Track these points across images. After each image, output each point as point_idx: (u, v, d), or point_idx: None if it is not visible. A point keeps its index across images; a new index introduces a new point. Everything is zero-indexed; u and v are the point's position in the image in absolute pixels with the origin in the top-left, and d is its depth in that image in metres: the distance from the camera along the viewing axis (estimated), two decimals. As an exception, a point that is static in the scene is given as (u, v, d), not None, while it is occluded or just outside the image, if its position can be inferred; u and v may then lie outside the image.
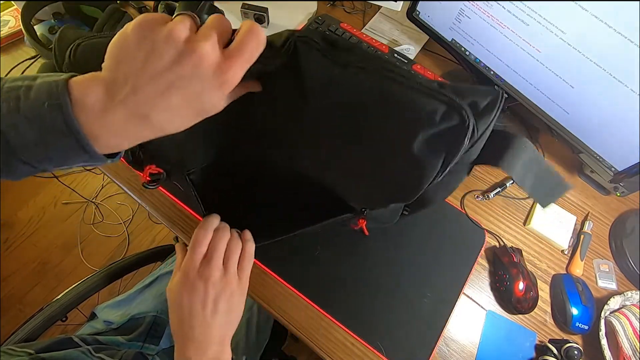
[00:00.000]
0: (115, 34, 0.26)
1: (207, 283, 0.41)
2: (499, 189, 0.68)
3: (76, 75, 0.26)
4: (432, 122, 0.28)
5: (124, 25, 0.68)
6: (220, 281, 0.41)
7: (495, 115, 0.28)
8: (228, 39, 0.28)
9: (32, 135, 0.24)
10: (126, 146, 0.28)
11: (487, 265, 0.62)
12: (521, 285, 0.57)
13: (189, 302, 0.40)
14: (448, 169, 0.30)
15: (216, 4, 0.65)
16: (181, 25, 0.26)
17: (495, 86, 0.69)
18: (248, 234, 0.48)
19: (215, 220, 0.46)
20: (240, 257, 0.45)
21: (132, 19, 0.70)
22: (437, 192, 0.39)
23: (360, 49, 0.30)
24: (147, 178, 0.44)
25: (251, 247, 0.48)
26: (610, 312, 0.58)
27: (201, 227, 0.44)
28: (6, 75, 0.67)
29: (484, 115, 0.28)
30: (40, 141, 0.25)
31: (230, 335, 0.43)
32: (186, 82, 0.25)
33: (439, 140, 0.29)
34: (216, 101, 0.28)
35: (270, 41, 0.30)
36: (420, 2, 0.72)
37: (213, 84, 0.26)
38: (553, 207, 0.68)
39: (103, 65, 0.26)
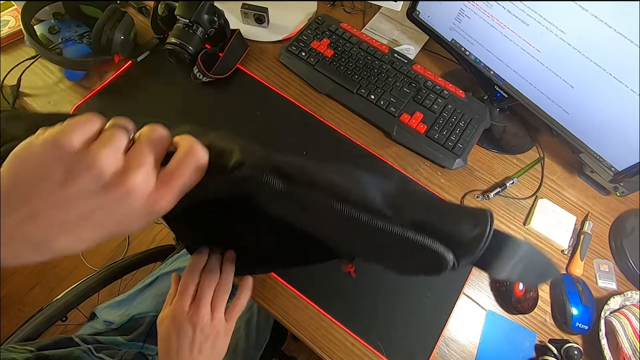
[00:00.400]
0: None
1: (195, 328, 0.42)
2: (499, 189, 0.68)
3: None
4: (410, 258, 0.27)
5: (124, 26, 0.67)
6: (208, 326, 0.43)
7: (483, 247, 0.25)
8: (164, 154, 0.24)
9: None
10: (20, 263, 0.22)
11: (487, 265, 0.62)
12: (521, 285, 0.57)
13: (177, 343, 0.42)
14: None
15: (216, 4, 0.66)
16: (109, 152, 0.21)
17: (497, 90, 0.69)
18: (248, 282, 0.49)
19: (201, 261, 0.46)
20: (232, 303, 0.47)
21: (132, 19, 0.70)
22: None
23: (324, 179, 0.26)
24: None
25: (246, 295, 0.49)
26: (610, 312, 0.58)
27: (189, 272, 0.45)
28: (6, 75, 0.67)
29: (470, 250, 0.25)
30: None
31: None
32: (105, 214, 0.21)
33: (418, 269, 0.29)
34: (138, 226, 0.23)
35: (216, 162, 0.25)
36: (420, 2, 0.72)
37: (139, 214, 0.22)
38: (553, 207, 0.68)
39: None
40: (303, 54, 0.73)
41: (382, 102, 0.69)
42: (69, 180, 0.20)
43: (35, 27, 0.68)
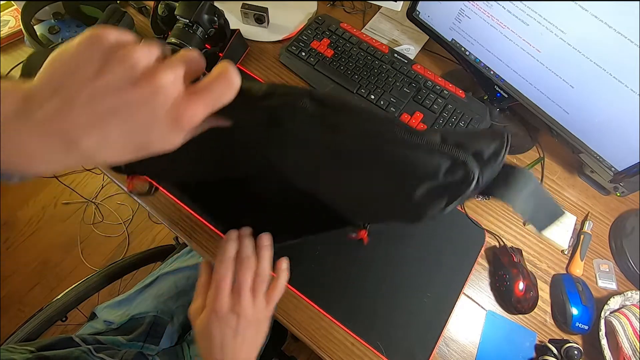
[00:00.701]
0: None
1: (238, 318, 0.42)
2: (499, 189, 0.68)
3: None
4: (435, 177, 0.27)
5: (124, 26, 0.67)
6: (251, 314, 0.43)
7: (501, 160, 0.27)
8: (196, 75, 0.24)
9: None
10: (43, 171, 0.22)
11: (487, 265, 0.62)
12: (521, 285, 0.57)
13: (220, 335, 0.42)
14: (450, 208, 0.30)
15: (216, 4, 0.66)
16: (144, 50, 0.21)
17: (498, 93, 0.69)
18: (284, 264, 0.49)
19: (233, 249, 0.45)
20: (271, 287, 0.46)
21: (132, 19, 0.70)
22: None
23: (352, 106, 0.28)
24: (131, 187, 0.43)
25: (284, 278, 0.48)
26: (610, 312, 0.58)
27: (222, 262, 0.44)
28: (6, 75, 0.67)
29: (490, 164, 0.27)
30: None
31: (254, 355, 0.45)
32: (133, 111, 0.21)
33: (442, 191, 0.28)
34: (166, 140, 0.23)
35: (247, 89, 0.26)
36: (420, 2, 0.72)
37: (166, 120, 0.22)
38: (553, 207, 0.68)
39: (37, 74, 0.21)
40: (303, 54, 0.73)
41: (382, 102, 0.69)
42: (101, 71, 0.20)
43: (35, 27, 0.68)
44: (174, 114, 0.22)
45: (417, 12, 0.74)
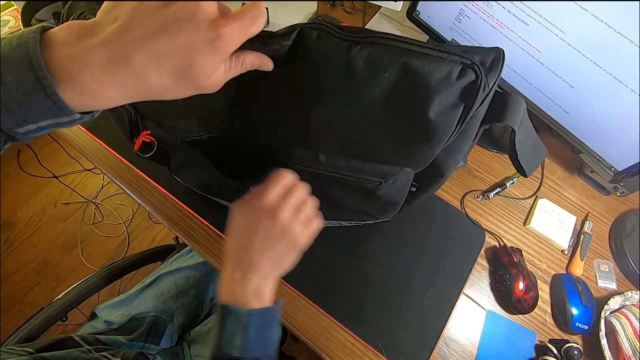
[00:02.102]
0: None
1: (275, 221, 0.38)
2: (499, 189, 0.68)
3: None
4: (450, 82, 0.30)
5: None
6: (289, 224, 0.39)
7: (500, 70, 0.31)
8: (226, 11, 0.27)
9: None
10: (101, 100, 0.25)
11: (487, 265, 0.62)
12: (521, 285, 0.57)
13: (254, 228, 0.39)
14: (464, 124, 0.33)
15: (216, 4, 0.65)
16: None
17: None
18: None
19: (294, 175, 0.42)
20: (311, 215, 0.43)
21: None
22: (448, 158, 0.40)
23: (366, 29, 0.31)
24: (139, 145, 0.42)
25: (321, 219, 0.44)
26: (610, 312, 0.58)
27: (282, 170, 0.41)
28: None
29: (492, 70, 0.31)
30: None
31: (275, 277, 0.42)
32: (178, 26, 0.23)
33: (457, 97, 0.31)
34: (207, 66, 0.25)
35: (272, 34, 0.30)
36: (420, 2, 0.72)
37: (206, 39, 0.24)
38: (553, 207, 0.68)
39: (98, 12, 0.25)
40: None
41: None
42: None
43: (35, 27, 0.68)
44: (212, 32, 0.24)
45: (417, 12, 0.74)
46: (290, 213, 0.39)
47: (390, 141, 0.36)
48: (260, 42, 0.29)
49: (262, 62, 0.31)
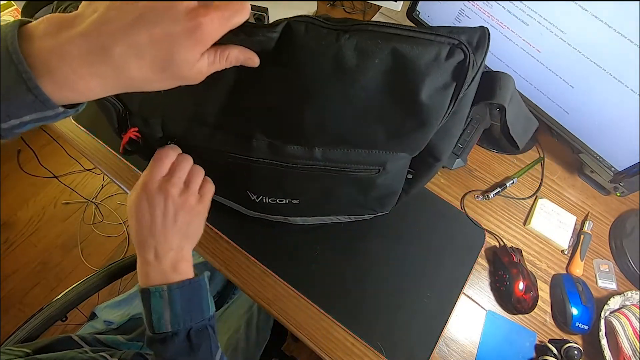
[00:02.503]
0: None
1: (167, 198, 0.39)
2: (499, 189, 0.68)
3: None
4: (439, 63, 0.30)
5: None
6: (180, 197, 0.40)
7: (487, 47, 0.31)
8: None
9: None
10: (81, 93, 0.25)
11: (487, 265, 0.62)
12: (521, 285, 0.57)
13: (149, 214, 0.39)
14: (455, 104, 0.33)
15: (216, 4, 0.65)
16: None
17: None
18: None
19: (177, 149, 0.42)
20: (202, 183, 0.43)
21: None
22: (442, 140, 0.41)
23: (351, 18, 0.31)
24: (125, 141, 0.42)
25: (212, 184, 0.45)
26: (610, 312, 0.58)
27: (163, 148, 0.40)
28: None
29: (479, 49, 0.31)
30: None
31: (188, 248, 0.42)
32: (156, 17, 0.23)
33: (447, 77, 0.31)
34: (187, 57, 0.25)
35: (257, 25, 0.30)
36: (420, 2, 0.72)
37: (184, 29, 0.24)
38: (553, 207, 0.68)
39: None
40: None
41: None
42: None
43: (35, 27, 0.68)
44: (191, 23, 0.24)
45: (417, 12, 0.74)
46: (179, 188, 0.40)
47: (385, 128, 0.36)
48: (244, 33, 0.29)
49: (247, 58, 0.30)
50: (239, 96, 0.35)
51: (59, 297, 0.63)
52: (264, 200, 0.49)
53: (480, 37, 0.31)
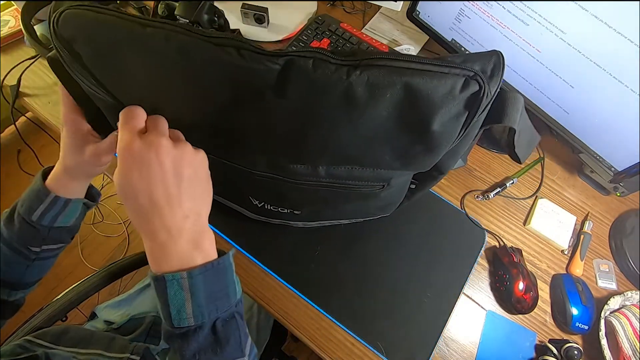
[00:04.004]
0: None
1: (159, 151, 0.30)
2: (499, 189, 0.68)
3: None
4: (454, 96, 0.30)
5: None
6: (175, 147, 0.32)
7: (502, 75, 0.31)
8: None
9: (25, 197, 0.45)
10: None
11: (487, 265, 0.62)
12: (521, 285, 0.57)
13: (145, 179, 0.30)
14: (466, 130, 0.33)
15: (216, 4, 0.66)
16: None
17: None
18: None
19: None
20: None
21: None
22: (448, 159, 0.40)
23: (360, 50, 0.30)
24: None
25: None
26: (610, 312, 0.58)
27: (126, 109, 0.33)
28: (6, 75, 0.67)
29: (493, 77, 0.30)
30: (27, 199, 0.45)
31: (205, 212, 0.35)
32: None
33: (460, 108, 0.31)
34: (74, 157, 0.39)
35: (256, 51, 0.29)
36: (420, 2, 0.72)
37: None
38: (553, 207, 0.68)
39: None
40: (303, 54, 0.73)
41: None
42: None
43: (35, 27, 0.68)
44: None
45: (417, 12, 0.74)
46: (168, 137, 0.32)
47: (393, 153, 0.36)
48: (242, 57, 0.28)
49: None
50: (236, 118, 0.34)
51: (59, 297, 0.63)
52: (266, 207, 0.49)
53: (494, 65, 0.30)
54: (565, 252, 0.65)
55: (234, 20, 0.76)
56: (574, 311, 0.56)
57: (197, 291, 0.32)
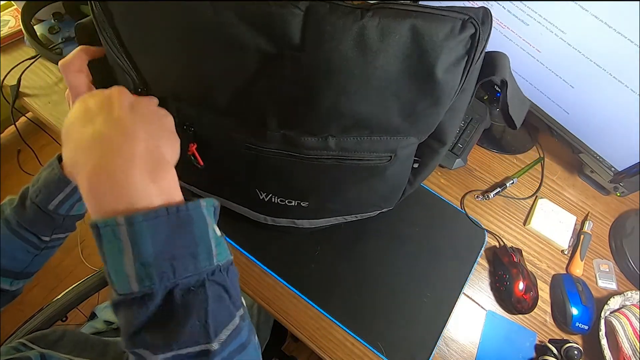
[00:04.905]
0: None
1: (116, 91, 0.29)
2: (499, 189, 0.68)
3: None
4: (454, 36, 0.32)
5: None
6: (134, 97, 0.30)
7: (491, 24, 0.33)
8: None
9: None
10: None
11: (487, 265, 0.62)
12: (521, 285, 0.57)
13: (98, 111, 0.27)
14: (466, 79, 0.35)
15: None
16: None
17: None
18: None
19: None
20: None
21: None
22: (449, 121, 0.42)
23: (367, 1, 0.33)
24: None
25: None
26: (610, 312, 0.58)
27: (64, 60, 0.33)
28: (6, 75, 0.67)
29: (484, 24, 0.33)
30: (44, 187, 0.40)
31: (170, 151, 0.29)
32: None
33: (459, 51, 0.33)
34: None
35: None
36: (420, 2, 0.72)
37: None
38: (553, 207, 0.68)
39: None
40: (303, 54, 0.73)
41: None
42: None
43: (35, 27, 0.68)
44: None
45: (417, 12, 0.74)
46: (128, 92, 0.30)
47: (401, 109, 0.37)
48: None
49: None
50: (253, 82, 0.35)
51: (59, 297, 0.64)
52: (273, 200, 0.49)
53: (484, 14, 0.33)
54: (565, 252, 0.65)
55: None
56: (574, 311, 0.56)
57: (142, 244, 0.23)
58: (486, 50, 0.36)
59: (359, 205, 0.52)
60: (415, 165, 0.49)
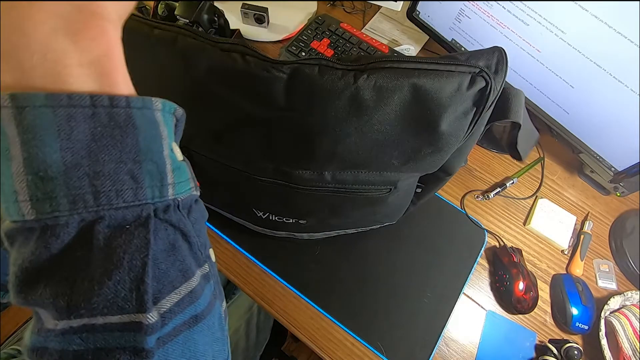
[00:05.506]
0: None
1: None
2: (499, 189, 0.68)
3: None
4: (461, 93, 0.30)
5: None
6: None
7: (506, 70, 0.31)
8: None
9: None
10: None
11: (487, 265, 0.62)
12: (521, 285, 0.57)
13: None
14: (474, 127, 0.33)
15: (216, 4, 0.66)
16: None
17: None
18: None
19: None
20: None
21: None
22: (455, 159, 0.40)
23: (364, 55, 0.30)
24: None
25: None
26: (610, 312, 0.58)
27: None
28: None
29: (498, 73, 0.31)
30: None
31: (114, 10, 0.18)
32: None
33: (468, 105, 0.31)
34: None
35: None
36: (420, 2, 0.72)
37: None
38: (553, 207, 0.68)
39: None
40: (303, 54, 0.73)
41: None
42: None
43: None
44: None
45: (417, 12, 0.74)
46: None
47: (400, 156, 0.36)
48: (252, 63, 0.28)
49: None
50: (240, 127, 0.34)
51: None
52: (270, 218, 0.48)
53: (498, 61, 0.31)
54: (565, 252, 0.65)
55: (234, 20, 0.76)
56: (574, 311, 0.56)
57: (39, 144, 0.15)
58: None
59: (359, 222, 0.52)
60: (419, 190, 0.48)
